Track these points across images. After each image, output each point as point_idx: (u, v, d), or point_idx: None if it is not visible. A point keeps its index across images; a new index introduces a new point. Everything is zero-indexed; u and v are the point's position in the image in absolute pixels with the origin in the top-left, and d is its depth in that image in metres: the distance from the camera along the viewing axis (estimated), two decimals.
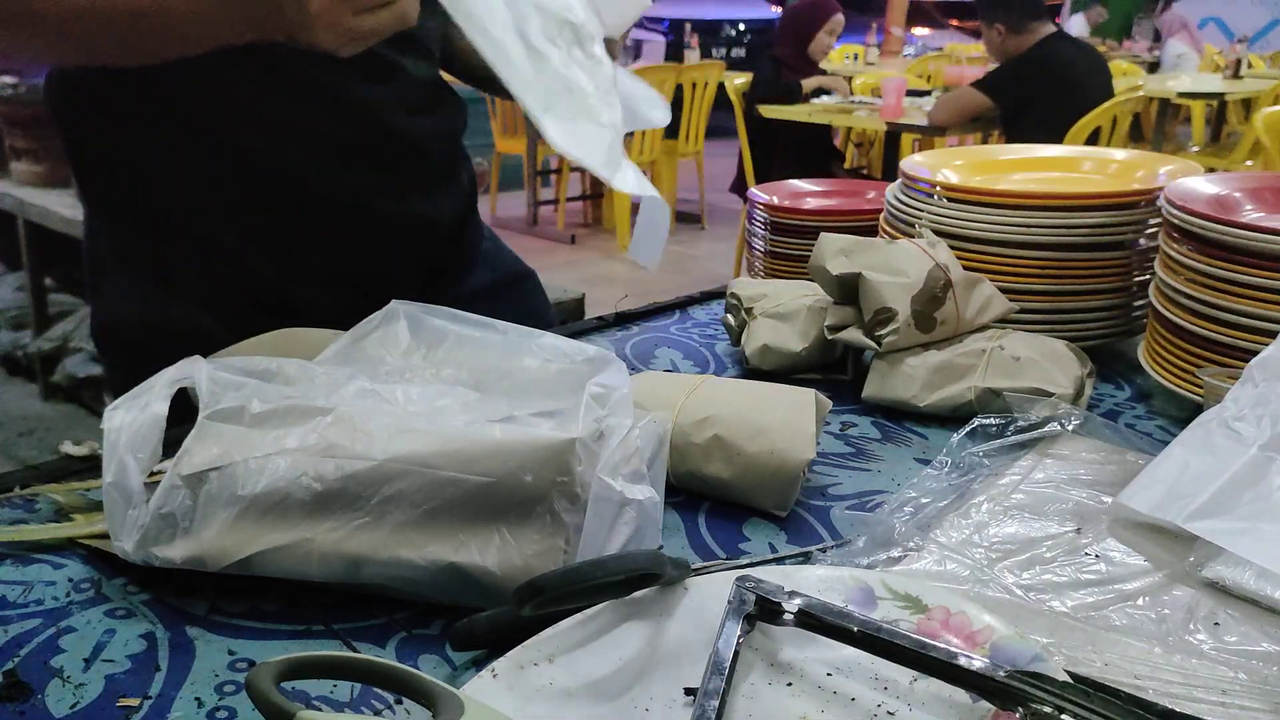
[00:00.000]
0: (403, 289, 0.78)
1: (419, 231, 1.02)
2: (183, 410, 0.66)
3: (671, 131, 5.54)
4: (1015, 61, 3.84)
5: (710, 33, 9.21)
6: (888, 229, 1.12)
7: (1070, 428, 0.83)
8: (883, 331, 0.92)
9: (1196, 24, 8.79)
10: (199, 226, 0.95)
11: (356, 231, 0.99)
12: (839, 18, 4.78)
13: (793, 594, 0.55)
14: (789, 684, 0.54)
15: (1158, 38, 9.15)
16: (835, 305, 0.97)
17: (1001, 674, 0.49)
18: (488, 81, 1.05)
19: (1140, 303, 1.05)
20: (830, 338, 0.96)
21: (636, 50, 8.73)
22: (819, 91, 4.83)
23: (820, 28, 4.78)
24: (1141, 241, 1.02)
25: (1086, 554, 0.67)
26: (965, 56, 7.55)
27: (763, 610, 0.55)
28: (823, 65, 5.03)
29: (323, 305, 0.79)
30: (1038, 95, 3.75)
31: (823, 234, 0.97)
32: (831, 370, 1.01)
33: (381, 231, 1.00)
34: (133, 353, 0.74)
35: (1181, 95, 5.50)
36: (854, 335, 0.94)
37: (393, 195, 0.99)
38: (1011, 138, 3.91)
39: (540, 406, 0.65)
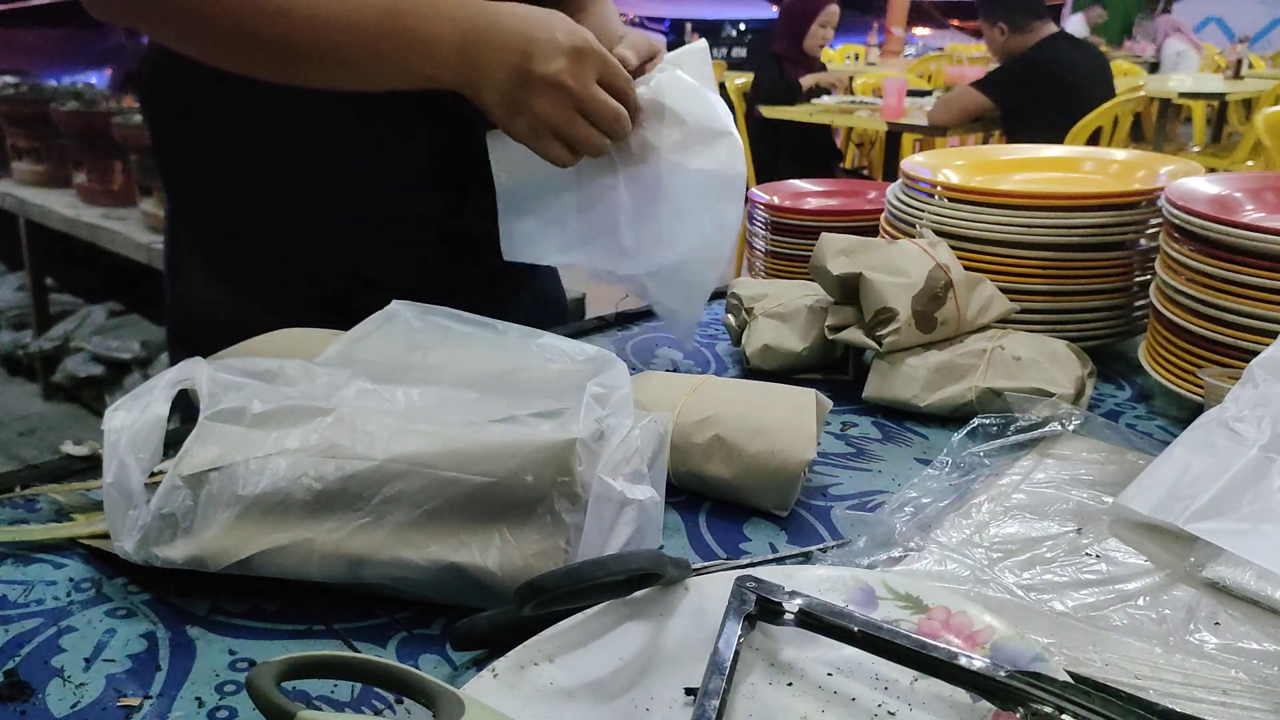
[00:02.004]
0: (463, 301, 0.79)
1: (488, 247, 1.02)
2: (187, 412, 0.66)
3: None
4: (1015, 61, 3.84)
5: (710, 33, 9.22)
6: (888, 229, 1.12)
7: (1071, 428, 0.83)
8: (883, 331, 0.92)
9: (1193, 26, 8.80)
10: (273, 233, 0.97)
11: (426, 245, 1.00)
12: (832, 9, 4.78)
13: (793, 594, 0.55)
14: (789, 684, 0.54)
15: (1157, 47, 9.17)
16: (836, 305, 0.97)
17: (1002, 674, 0.49)
18: None
19: (1141, 303, 1.05)
20: (831, 338, 0.96)
21: None
22: (817, 90, 4.82)
23: (813, 20, 4.78)
24: (1142, 241, 1.02)
25: (1087, 554, 0.67)
26: (966, 56, 7.56)
27: (763, 610, 0.55)
28: (823, 64, 5.04)
29: None
30: (1038, 95, 3.75)
31: (823, 234, 0.97)
32: (832, 370, 1.01)
33: (450, 245, 1.01)
34: (204, 350, 0.76)
35: (1182, 95, 5.51)
36: (855, 335, 0.94)
37: (464, 211, 1.00)
38: (1012, 138, 3.91)
39: (540, 406, 0.65)
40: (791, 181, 1.42)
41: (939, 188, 1.05)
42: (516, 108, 0.81)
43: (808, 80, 4.80)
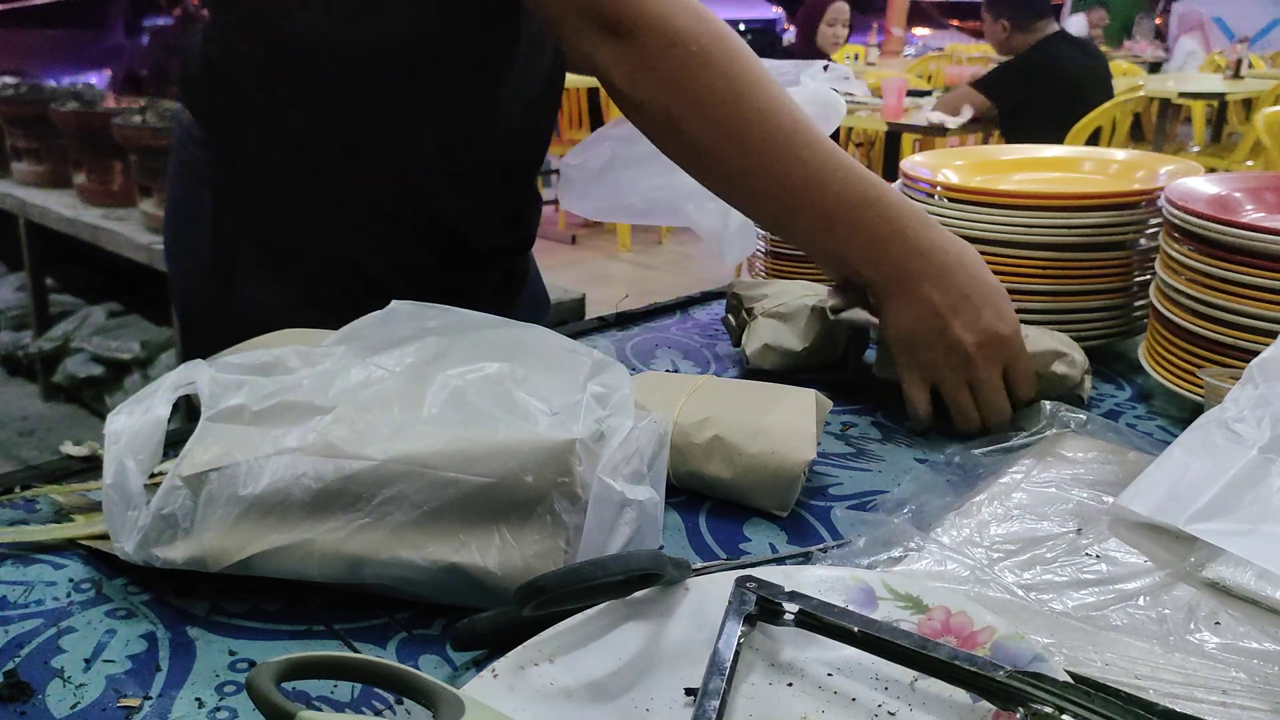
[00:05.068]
0: (488, 303, 0.82)
1: (514, 253, 1.09)
2: (190, 413, 0.66)
3: None
4: (1013, 61, 3.85)
5: None
6: None
7: (1070, 427, 0.83)
8: None
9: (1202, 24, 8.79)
10: (335, 239, 0.99)
11: (469, 255, 1.04)
12: (839, 6, 4.79)
13: (793, 594, 0.55)
14: (789, 684, 0.54)
15: (1158, 36, 9.14)
16: (838, 288, 0.95)
17: (1002, 674, 0.49)
18: None
19: (1141, 303, 1.05)
20: (833, 318, 0.93)
21: None
22: None
23: (820, 19, 4.79)
24: (1142, 241, 1.02)
25: (1087, 554, 0.67)
26: (966, 56, 7.55)
27: (763, 610, 0.55)
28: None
29: None
30: (1035, 95, 3.76)
31: None
32: (832, 370, 1.01)
33: (493, 253, 1.06)
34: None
35: (1182, 95, 5.50)
36: (858, 315, 0.92)
37: (498, 225, 1.05)
38: (1009, 137, 3.91)
39: (540, 406, 0.65)
40: None
41: (939, 188, 1.05)
42: (916, 345, 0.85)
43: None
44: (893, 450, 0.86)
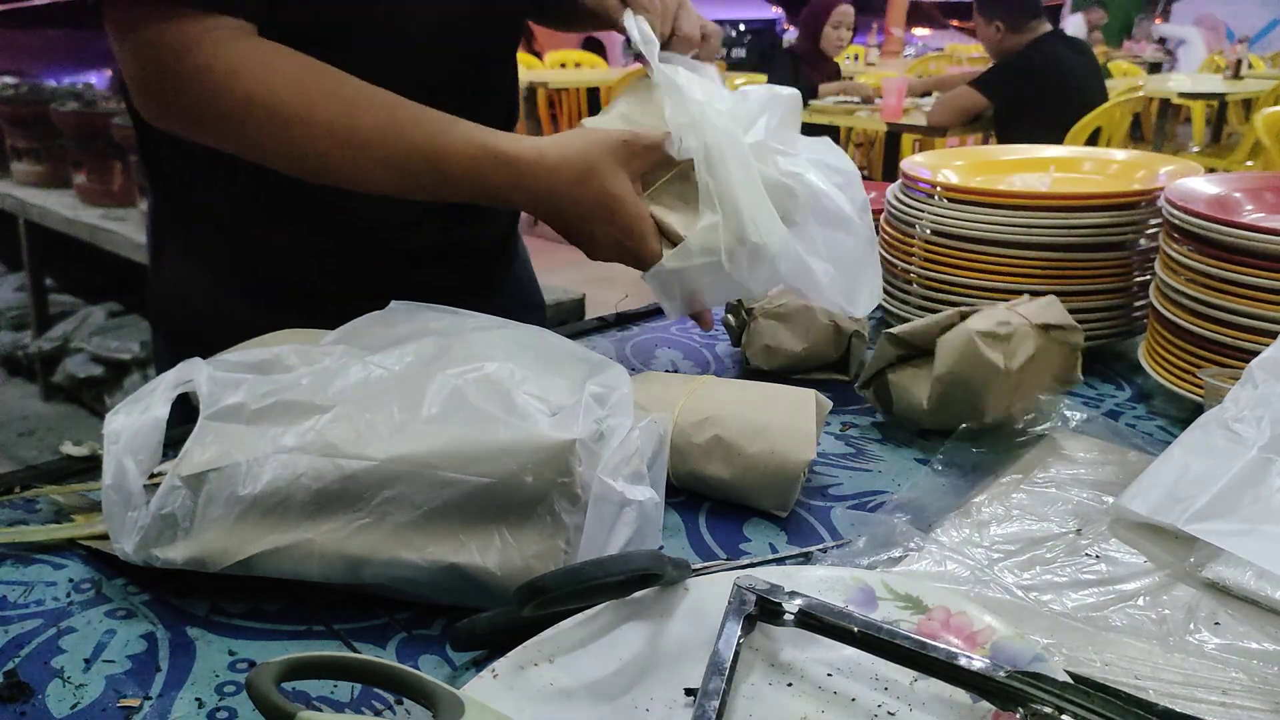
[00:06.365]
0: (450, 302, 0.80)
1: (467, 255, 1.06)
2: (186, 412, 0.66)
3: None
4: (1008, 60, 3.85)
5: None
6: (888, 229, 1.12)
7: (1071, 427, 0.83)
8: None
9: (1204, 24, 8.81)
10: (259, 232, 0.98)
11: (411, 254, 1.01)
12: (844, 8, 4.79)
13: (793, 594, 0.55)
14: (789, 684, 0.54)
15: (1159, 39, 9.15)
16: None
17: (1002, 674, 0.49)
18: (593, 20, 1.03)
19: (1140, 303, 1.05)
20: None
21: None
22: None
23: (826, 21, 4.79)
24: (1142, 242, 1.02)
25: (1087, 554, 0.67)
26: (966, 57, 7.56)
27: (763, 610, 0.55)
28: (838, 65, 5.04)
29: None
30: (1029, 94, 3.76)
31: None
32: (832, 370, 1.01)
33: (433, 255, 1.03)
34: (184, 335, 0.76)
35: (1182, 95, 5.51)
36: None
37: (447, 221, 1.02)
38: (1004, 137, 3.92)
39: (540, 406, 0.65)
40: None
41: (938, 188, 1.05)
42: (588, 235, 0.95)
43: (828, 89, 4.78)
44: (893, 450, 0.86)
